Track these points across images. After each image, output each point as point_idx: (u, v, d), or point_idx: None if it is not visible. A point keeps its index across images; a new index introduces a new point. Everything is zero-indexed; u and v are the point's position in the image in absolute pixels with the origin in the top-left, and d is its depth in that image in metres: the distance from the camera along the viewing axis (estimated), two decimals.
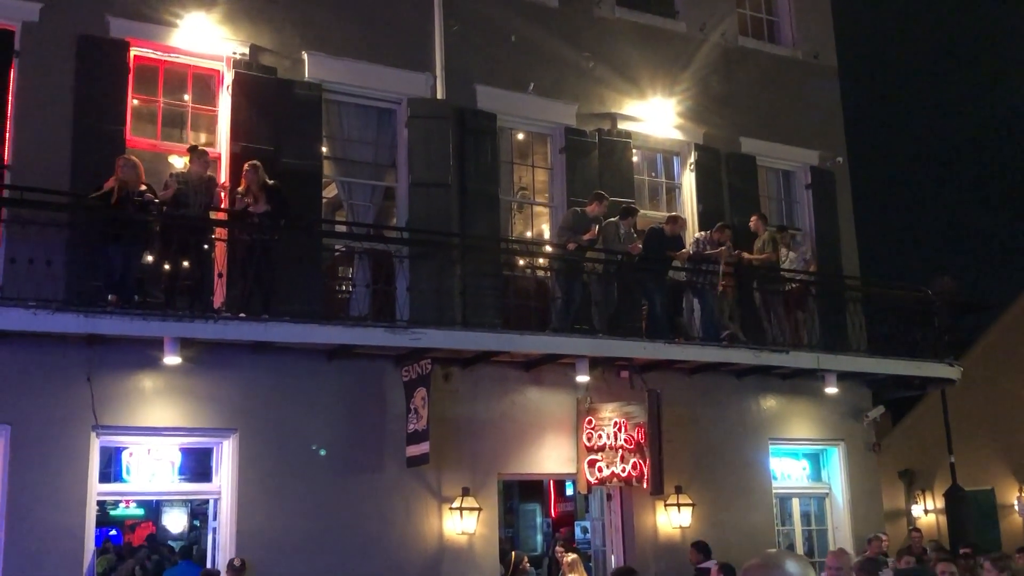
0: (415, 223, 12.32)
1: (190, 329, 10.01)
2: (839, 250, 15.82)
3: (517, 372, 12.46)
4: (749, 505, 13.63)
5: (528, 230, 14.50)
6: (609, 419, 12.27)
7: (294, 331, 10.56)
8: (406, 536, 11.39)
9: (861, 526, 14.47)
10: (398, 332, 11.04)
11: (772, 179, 16.02)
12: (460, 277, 12.14)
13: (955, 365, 14.89)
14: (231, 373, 10.80)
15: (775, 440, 14.29)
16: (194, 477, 11.25)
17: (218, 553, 10.73)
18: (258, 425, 10.85)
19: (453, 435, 11.73)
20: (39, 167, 10.35)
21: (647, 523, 12.89)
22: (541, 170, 14.22)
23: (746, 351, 13.18)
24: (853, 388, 14.78)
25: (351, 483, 11.19)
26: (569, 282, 12.50)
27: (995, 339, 25.18)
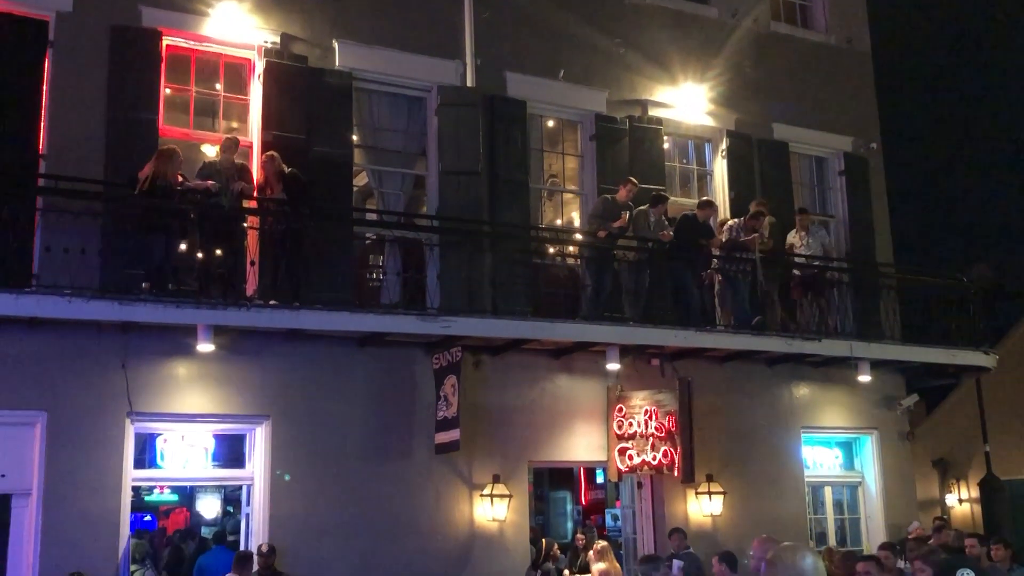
0: (445, 211, 12.33)
1: (223, 316, 10.09)
2: (873, 237, 15.67)
3: (547, 360, 12.46)
4: (781, 494, 13.57)
5: (558, 218, 14.47)
6: (640, 407, 12.25)
7: (325, 319, 10.62)
8: (437, 522, 11.44)
9: (894, 515, 14.38)
10: (428, 320, 11.07)
11: (805, 166, 15.88)
12: (490, 265, 12.16)
13: (990, 353, 14.73)
14: (264, 360, 10.88)
15: (807, 428, 14.20)
16: (227, 463, 11.34)
17: (251, 538, 10.82)
18: (290, 412, 10.93)
19: (483, 422, 11.76)
20: (73, 156, 10.45)
21: (678, 511, 12.86)
22: (571, 157, 14.18)
23: (778, 339, 13.10)
24: (886, 376, 14.65)
25: (382, 470, 11.24)
26: (599, 270, 12.47)
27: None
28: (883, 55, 17.85)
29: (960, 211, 37.53)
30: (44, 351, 9.92)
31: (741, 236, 13.33)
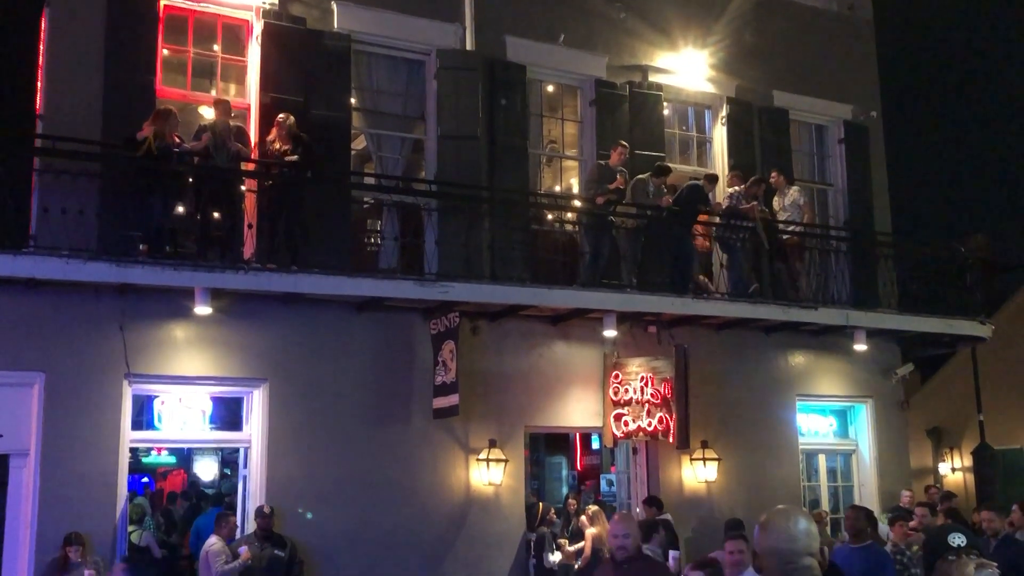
0: (444, 176, 12.30)
1: (220, 279, 10.10)
2: (871, 206, 15.66)
3: (544, 326, 12.49)
4: (775, 460, 13.66)
5: (557, 184, 14.44)
6: (636, 374, 12.29)
7: (324, 283, 10.62)
8: (433, 486, 11.52)
9: (887, 483, 14.49)
10: (427, 285, 11.08)
11: (804, 133, 15.84)
12: (489, 231, 12.14)
13: (986, 323, 14.76)
14: (261, 324, 10.89)
15: (802, 396, 14.27)
16: (225, 426, 11.40)
17: (248, 501, 10.90)
18: (288, 375, 10.96)
19: (480, 388, 11.80)
20: (70, 117, 10.40)
21: (672, 477, 12.95)
22: (571, 123, 14.13)
23: (774, 307, 13.13)
24: (882, 345, 14.70)
25: (379, 434, 11.30)
26: (597, 237, 12.46)
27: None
28: (885, 23, 17.74)
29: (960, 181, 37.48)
30: (42, 312, 9.93)
31: (742, 203, 13.32)
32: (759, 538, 3.23)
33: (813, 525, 3.23)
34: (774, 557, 3.15)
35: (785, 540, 3.15)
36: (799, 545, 3.14)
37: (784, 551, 3.13)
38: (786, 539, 3.15)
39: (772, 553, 3.15)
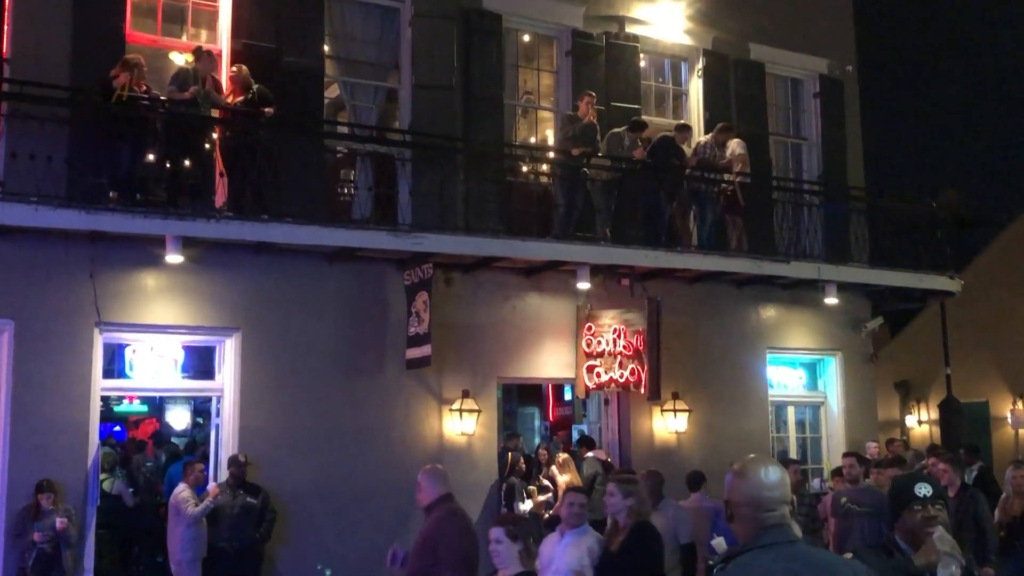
0: (418, 126, 12.21)
1: (192, 228, 10.02)
2: (845, 160, 15.70)
3: (518, 278, 12.50)
4: (745, 412, 13.81)
5: (532, 135, 14.37)
6: (609, 326, 12.36)
7: (296, 232, 10.56)
8: (406, 436, 11.58)
9: (855, 435, 14.68)
10: (400, 236, 11.04)
11: (780, 87, 15.81)
12: (463, 182, 12.09)
13: (956, 278, 14.92)
14: (233, 273, 10.84)
15: (773, 349, 14.40)
16: (197, 375, 11.38)
17: (220, 450, 10.92)
18: (260, 325, 10.94)
19: (454, 339, 11.83)
20: (38, 61, 10.22)
21: (643, 428, 13.09)
22: (547, 74, 14.03)
23: (747, 260, 13.20)
24: (853, 299, 14.83)
25: (352, 384, 11.32)
26: (571, 189, 12.45)
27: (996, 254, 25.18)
28: None
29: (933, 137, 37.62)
30: (11, 259, 9.83)
31: (716, 154, 13.26)
32: (732, 487, 3.25)
33: (786, 475, 3.27)
34: (748, 507, 3.17)
35: (760, 488, 3.18)
36: (774, 494, 3.17)
37: (759, 500, 3.16)
38: (761, 488, 3.18)
39: (746, 503, 3.17)
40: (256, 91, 10.84)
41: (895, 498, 4.14)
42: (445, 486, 6.61)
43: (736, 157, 13.52)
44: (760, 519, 3.14)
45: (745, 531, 3.18)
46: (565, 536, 6.75)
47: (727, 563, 3.12)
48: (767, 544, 3.10)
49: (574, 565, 6.51)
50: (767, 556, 3.08)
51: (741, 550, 3.15)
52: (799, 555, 3.12)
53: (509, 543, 5.39)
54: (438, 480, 6.61)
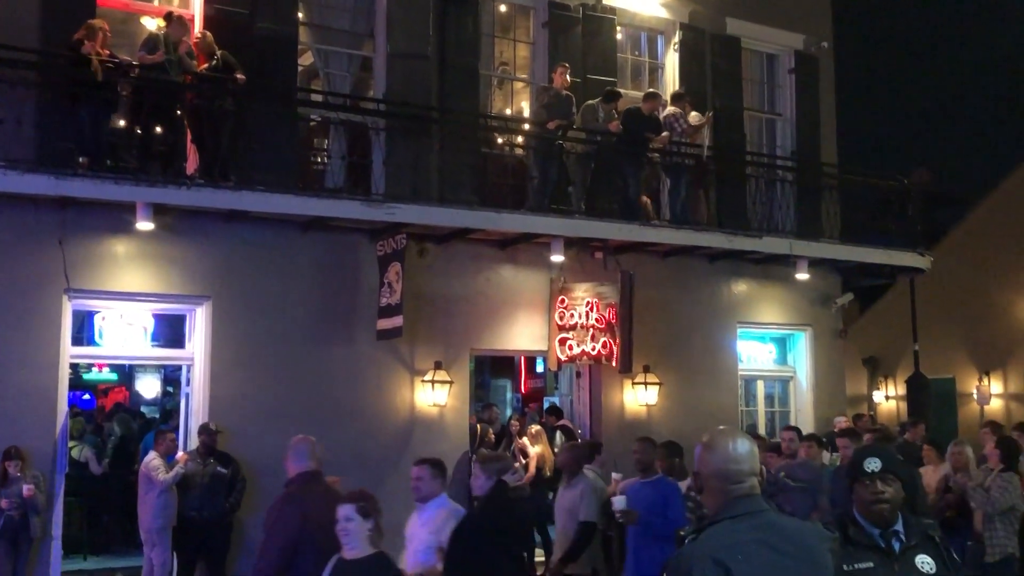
0: (393, 95, 12.11)
1: (163, 195, 9.92)
2: (818, 136, 15.75)
3: (492, 250, 12.49)
4: (715, 386, 13.90)
5: (508, 107, 14.30)
6: (581, 299, 12.38)
7: (268, 201, 10.48)
8: (378, 406, 11.58)
9: (823, 409, 14.83)
10: (373, 206, 10.99)
11: (756, 62, 15.80)
12: (438, 152, 12.03)
13: (926, 255, 15.05)
14: (205, 241, 10.75)
15: (744, 324, 14.49)
16: (167, 343, 11.33)
17: (190, 419, 10.88)
18: (231, 293, 10.87)
19: (427, 310, 11.82)
20: (7, 24, 10.02)
21: (614, 400, 13.16)
22: (523, 45, 13.95)
23: (720, 235, 13.24)
24: (824, 274, 14.93)
25: (324, 354, 11.29)
26: (546, 161, 12.42)
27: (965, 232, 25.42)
28: None
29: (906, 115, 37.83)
30: None
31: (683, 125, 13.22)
32: (701, 459, 3.28)
33: (755, 447, 3.30)
34: (717, 478, 3.20)
35: (729, 461, 3.21)
36: (743, 466, 3.21)
37: (728, 472, 3.19)
38: (729, 460, 3.21)
39: (715, 474, 3.21)
40: (220, 57, 10.72)
41: (848, 472, 4.18)
42: (310, 461, 5.98)
43: (687, 129, 13.50)
44: (729, 490, 3.18)
45: (715, 502, 3.22)
46: (422, 511, 6.54)
47: (698, 533, 3.15)
48: (737, 514, 3.14)
49: (432, 540, 6.29)
50: (737, 526, 3.12)
51: (711, 520, 3.18)
52: (768, 524, 3.17)
53: (360, 521, 5.03)
54: (302, 454, 6.02)
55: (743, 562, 2.96)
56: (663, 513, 7.41)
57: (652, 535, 7.38)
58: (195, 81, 10.70)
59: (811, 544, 3.14)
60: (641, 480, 7.87)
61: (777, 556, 3.03)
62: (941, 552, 3.96)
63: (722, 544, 3.04)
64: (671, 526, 7.31)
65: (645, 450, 7.99)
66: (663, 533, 7.30)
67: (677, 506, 7.55)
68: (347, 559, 5.08)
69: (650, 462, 7.87)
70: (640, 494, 7.63)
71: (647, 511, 7.43)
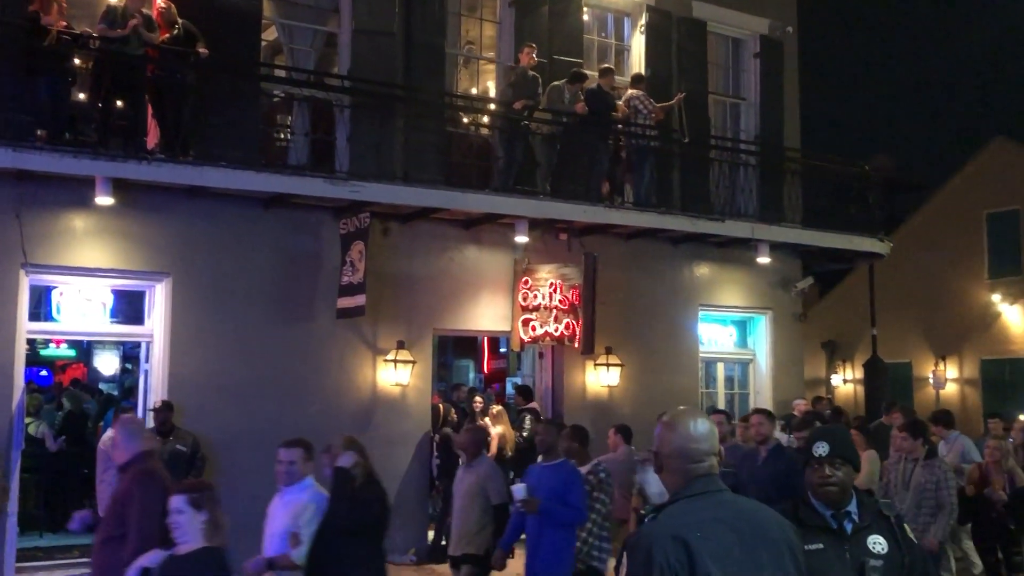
0: (357, 72, 12.02)
1: (122, 169, 9.80)
2: (782, 121, 15.85)
3: (456, 230, 12.47)
4: (676, 368, 14.01)
5: (473, 86, 14.25)
6: (545, 280, 12.41)
7: (230, 177, 10.38)
8: (340, 385, 11.54)
9: (782, 392, 14.99)
10: (337, 184, 10.92)
11: (721, 46, 15.86)
12: (402, 131, 11.97)
13: (885, 241, 15.22)
14: (165, 217, 10.64)
15: (705, 306, 14.60)
16: (126, 319, 11.21)
17: (149, 396, 10.79)
18: (192, 270, 10.77)
19: (390, 289, 11.79)
20: None
21: (576, 381, 13.22)
22: (489, 24, 13.89)
23: (683, 218, 13.31)
24: (785, 259, 15.07)
25: (285, 332, 11.23)
26: (512, 142, 12.40)
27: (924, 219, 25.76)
28: None
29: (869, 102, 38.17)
30: None
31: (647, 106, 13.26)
32: (662, 439, 3.31)
33: (714, 427, 3.34)
34: (677, 457, 3.24)
35: (689, 440, 3.24)
36: (703, 445, 3.24)
37: (688, 451, 3.23)
38: (690, 439, 3.24)
39: (675, 454, 3.24)
40: (181, 27, 10.57)
41: (802, 456, 4.24)
42: (143, 442, 5.82)
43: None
44: (689, 469, 3.22)
45: (674, 481, 3.25)
46: (285, 493, 6.31)
47: (658, 512, 3.18)
48: (696, 493, 3.18)
49: (289, 525, 6.09)
50: (696, 504, 3.16)
51: (671, 499, 3.22)
52: (726, 503, 3.21)
53: (192, 513, 4.79)
54: (135, 435, 5.85)
55: (702, 539, 3.00)
56: (563, 499, 7.24)
57: (552, 521, 7.24)
58: (156, 54, 10.55)
59: (767, 523, 3.18)
60: (543, 463, 7.64)
61: (734, 534, 3.07)
62: (895, 532, 4.02)
63: (681, 522, 3.08)
64: (571, 513, 7.23)
65: (548, 432, 7.81)
66: (563, 519, 7.24)
67: (578, 492, 7.33)
68: (175, 555, 4.85)
69: (553, 444, 7.64)
70: (542, 477, 7.46)
71: (547, 496, 7.26)
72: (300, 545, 5.98)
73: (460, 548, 8.03)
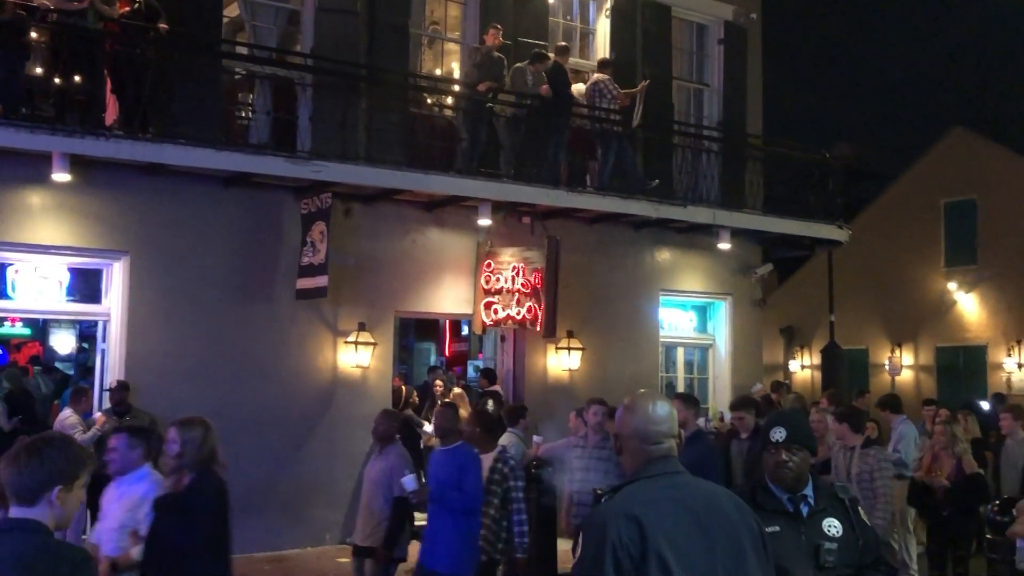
0: (321, 51, 11.90)
1: (80, 145, 9.65)
2: (745, 108, 15.93)
3: (419, 212, 12.42)
4: (636, 352, 14.08)
5: (438, 67, 14.17)
6: (508, 263, 12.40)
7: (189, 154, 10.26)
8: (300, 367, 11.48)
9: (741, 377, 15.14)
10: (299, 163, 10.83)
11: (686, 31, 15.89)
12: (365, 111, 11.88)
13: (844, 228, 15.37)
14: (124, 194, 10.50)
15: (666, 291, 14.68)
16: (83, 298, 11.05)
17: (106, 375, 10.67)
18: (150, 249, 10.65)
19: (351, 271, 11.72)
20: None
21: (538, 364, 13.25)
22: (454, 4, 13.81)
23: (646, 203, 13.34)
24: (745, 245, 15.18)
25: (245, 312, 11.14)
26: (476, 124, 12.35)
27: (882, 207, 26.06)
28: None
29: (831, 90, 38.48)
30: None
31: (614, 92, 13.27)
32: (622, 421, 3.33)
33: (673, 410, 3.36)
34: (636, 439, 3.26)
35: (648, 422, 3.26)
36: (662, 427, 3.27)
37: (647, 432, 3.25)
38: (649, 421, 3.27)
39: (634, 435, 3.26)
40: (142, 1, 10.41)
41: (760, 440, 4.29)
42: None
43: (631, 93, 13.59)
44: (647, 451, 3.24)
45: (633, 462, 3.27)
46: (118, 483, 5.71)
47: (615, 492, 3.20)
48: (653, 474, 3.20)
49: (127, 520, 5.43)
50: (653, 485, 3.18)
51: (629, 480, 3.24)
52: (683, 484, 3.23)
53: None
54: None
55: (656, 518, 3.03)
56: (459, 484, 6.87)
57: (447, 508, 6.87)
58: (116, 28, 10.38)
59: (724, 506, 3.21)
60: (441, 448, 7.34)
61: (690, 514, 3.09)
62: (849, 515, 4.08)
63: (636, 501, 3.10)
64: (465, 499, 6.87)
65: (446, 416, 7.41)
66: (459, 506, 6.87)
67: (473, 477, 6.95)
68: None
69: (451, 429, 7.28)
70: (439, 463, 7.18)
71: (443, 482, 6.93)
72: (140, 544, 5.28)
73: (365, 540, 7.61)
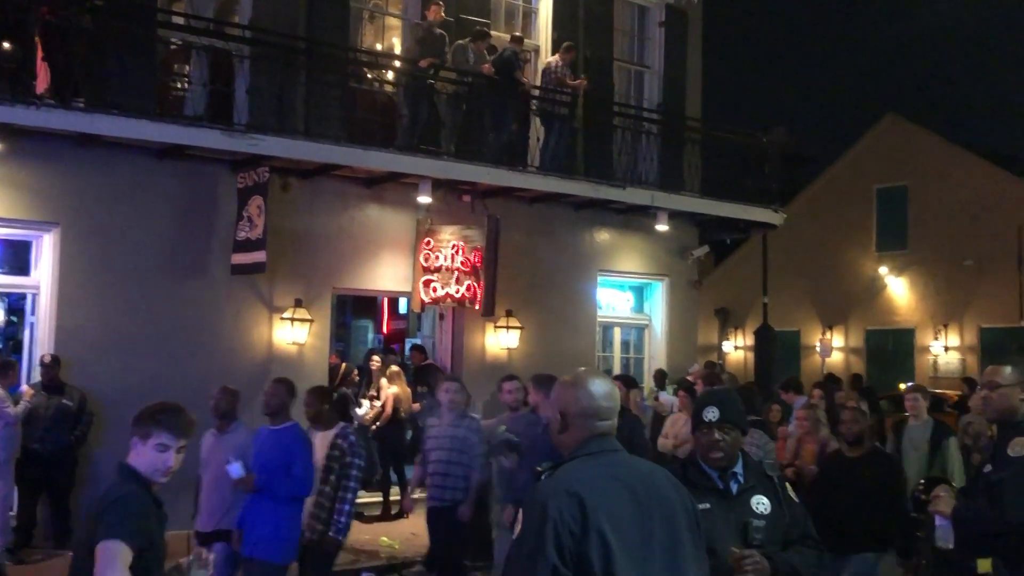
0: (259, 23, 11.72)
1: (9, 114, 9.40)
2: (684, 91, 16.05)
3: (358, 188, 12.33)
4: (574, 331, 14.18)
5: (379, 42, 14.04)
6: (448, 241, 12.38)
7: (123, 125, 10.04)
8: (234, 343, 11.36)
9: (676, 357, 15.33)
10: (235, 136, 10.67)
11: (628, 13, 15.93)
12: (304, 84, 11.73)
13: (780, 212, 15.61)
14: (54, 165, 10.26)
15: (604, 272, 14.79)
16: (11, 270, 10.81)
17: (35, 349, 10.46)
18: (82, 221, 10.43)
19: (288, 246, 11.60)
20: None
21: (476, 343, 13.27)
22: None
23: (585, 184, 13.41)
24: (682, 227, 15.33)
25: (178, 286, 10.98)
26: (416, 100, 12.28)
27: (816, 192, 26.52)
28: None
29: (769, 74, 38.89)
30: None
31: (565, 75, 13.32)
32: (566, 398, 3.34)
33: (615, 388, 3.38)
34: (581, 416, 3.28)
35: (591, 399, 3.28)
36: (604, 404, 3.29)
37: (593, 408, 3.27)
38: (592, 398, 3.29)
39: (580, 412, 3.28)
40: None
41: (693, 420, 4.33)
42: None
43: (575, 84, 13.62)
44: (592, 427, 3.26)
45: (574, 439, 3.28)
46: None
47: (554, 470, 3.23)
48: (592, 452, 3.23)
49: None
50: (592, 463, 3.21)
51: (569, 457, 3.26)
52: (621, 463, 3.27)
53: None
54: None
55: (596, 495, 3.06)
56: (287, 471, 6.46)
57: (271, 495, 6.46)
58: None
59: (661, 484, 3.25)
60: (269, 427, 6.88)
61: (628, 492, 3.13)
62: (778, 492, 4.16)
63: (575, 478, 3.13)
64: (295, 486, 6.45)
65: (277, 392, 6.88)
66: (285, 493, 6.45)
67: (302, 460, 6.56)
68: None
69: (281, 406, 6.82)
70: (265, 444, 6.73)
71: (269, 466, 6.51)
72: None
73: (211, 524, 7.02)
